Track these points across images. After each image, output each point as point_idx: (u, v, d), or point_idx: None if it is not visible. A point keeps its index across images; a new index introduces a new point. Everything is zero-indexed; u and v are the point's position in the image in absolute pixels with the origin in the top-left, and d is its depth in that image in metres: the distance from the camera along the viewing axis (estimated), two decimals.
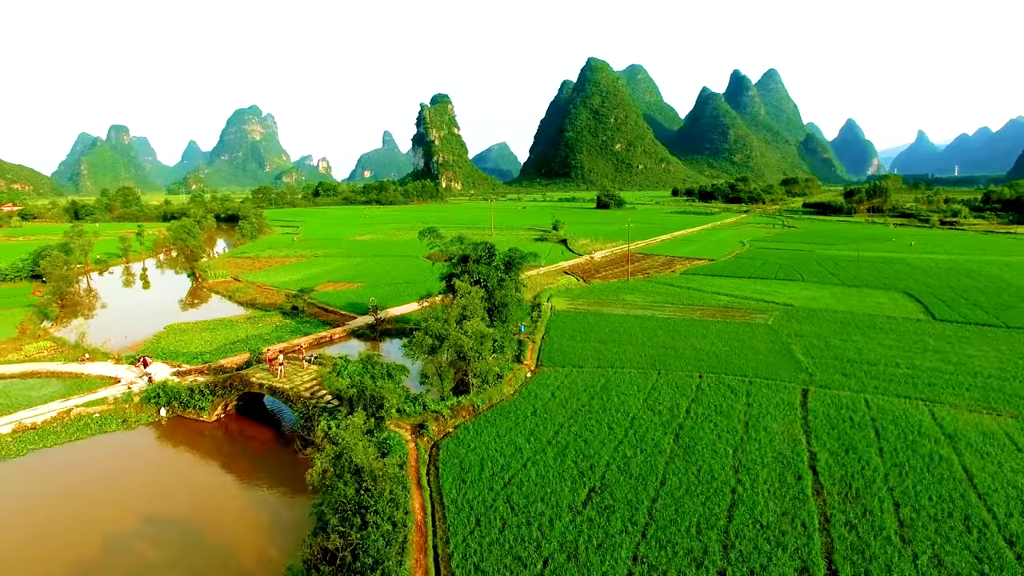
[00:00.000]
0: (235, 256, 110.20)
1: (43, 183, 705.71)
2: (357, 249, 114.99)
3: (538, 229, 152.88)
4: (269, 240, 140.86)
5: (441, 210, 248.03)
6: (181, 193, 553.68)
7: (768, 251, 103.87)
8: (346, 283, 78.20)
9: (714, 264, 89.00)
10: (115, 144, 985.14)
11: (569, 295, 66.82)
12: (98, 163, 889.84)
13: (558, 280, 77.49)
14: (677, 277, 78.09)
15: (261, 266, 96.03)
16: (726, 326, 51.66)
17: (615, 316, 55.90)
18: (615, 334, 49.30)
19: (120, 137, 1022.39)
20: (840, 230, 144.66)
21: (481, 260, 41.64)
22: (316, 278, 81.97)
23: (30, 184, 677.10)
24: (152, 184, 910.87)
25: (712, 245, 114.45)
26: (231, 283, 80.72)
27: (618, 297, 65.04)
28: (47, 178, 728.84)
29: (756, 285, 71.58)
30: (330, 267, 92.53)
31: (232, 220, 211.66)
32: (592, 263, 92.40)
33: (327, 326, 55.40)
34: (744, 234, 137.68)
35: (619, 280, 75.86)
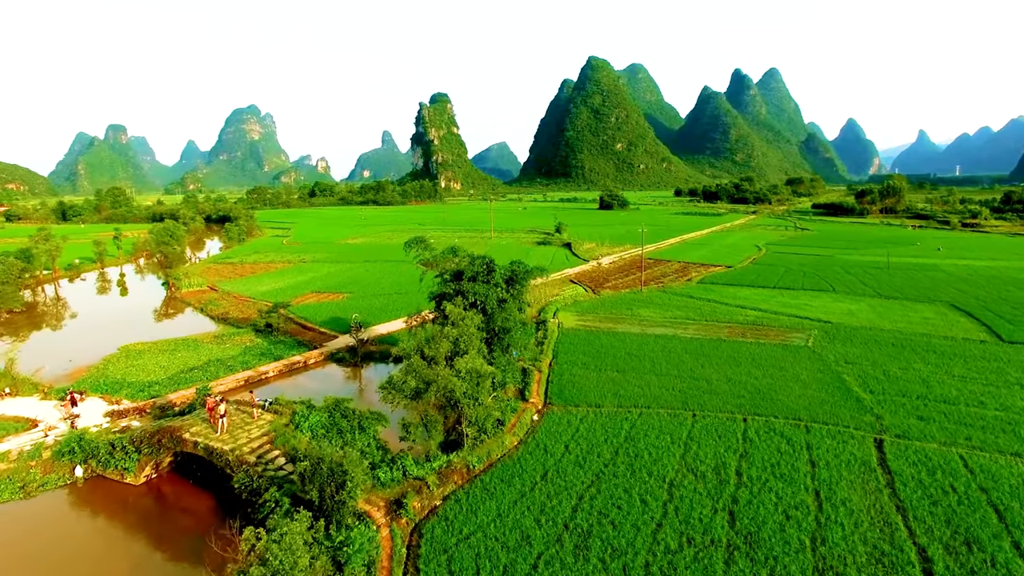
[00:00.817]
0: (218, 261, 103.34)
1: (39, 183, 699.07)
2: (348, 254, 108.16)
3: (540, 232, 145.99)
4: (257, 243, 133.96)
5: (438, 211, 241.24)
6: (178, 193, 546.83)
7: (787, 256, 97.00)
8: (331, 294, 71.36)
9: (732, 271, 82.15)
10: (113, 144, 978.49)
11: (578, 309, 59.97)
12: (95, 163, 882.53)
13: (564, 290, 70.64)
14: (694, 287, 71.24)
15: (243, 273, 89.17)
16: (760, 348, 44.84)
17: (632, 336, 49.06)
18: (634, 359, 42.47)
19: (118, 137, 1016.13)
20: (856, 232, 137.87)
21: (478, 277, 34.74)
22: (300, 287, 75.16)
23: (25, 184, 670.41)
24: (150, 184, 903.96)
25: (726, 249, 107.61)
26: (206, 293, 73.86)
27: (632, 312, 58.20)
28: (43, 178, 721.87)
29: (783, 297, 64.72)
30: (317, 274, 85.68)
31: (224, 221, 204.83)
32: (600, 270, 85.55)
33: (303, 348, 48.54)
34: (757, 237, 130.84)
35: (631, 291, 69.01)
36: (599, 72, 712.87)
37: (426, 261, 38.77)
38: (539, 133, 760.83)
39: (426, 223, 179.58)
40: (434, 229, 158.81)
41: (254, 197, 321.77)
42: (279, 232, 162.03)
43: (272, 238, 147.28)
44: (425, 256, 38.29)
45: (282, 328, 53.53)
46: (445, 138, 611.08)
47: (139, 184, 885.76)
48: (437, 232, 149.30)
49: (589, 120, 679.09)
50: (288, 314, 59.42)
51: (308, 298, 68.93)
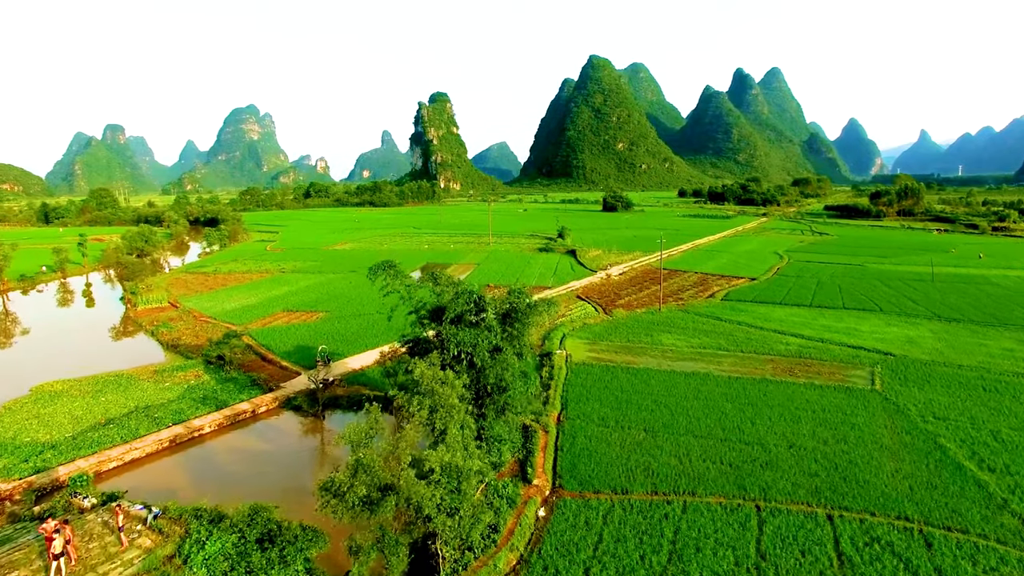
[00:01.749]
0: (190, 270, 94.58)
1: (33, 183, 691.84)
2: (333, 262, 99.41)
3: (541, 236, 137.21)
4: (239, 249, 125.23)
5: (435, 213, 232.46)
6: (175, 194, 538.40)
7: (813, 266, 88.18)
8: (305, 312, 62.61)
9: (758, 286, 73.37)
10: (110, 144, 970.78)
11: (588, 335, 51.21)
12: (92, 163, 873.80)
13: (571, 308, 61.88)
14: (720, 305, 62.46)
15: (214, 285, 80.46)
16: (817, 394, 36.11)
17: (656, 374, 40.33)
18: (663, 410, 33.79)
19: (116, 137, 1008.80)
20: (879, 237, 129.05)
21: (464, 317, 26.01)
22: (271, 304, 66.43)
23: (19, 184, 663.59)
24: (148, 184, 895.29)
25: (745, 258, 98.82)
26: (165, 311, 65.13)
27: (653, 339, 49.44)
28: (37, 178, 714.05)
29: (824, 319, 55.94)
30: (293, 287, 76.95)
31: (212, 224, 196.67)
32: (610, 283, 76.77)
33: (256, 388, 39.77)
34: (774, 243, 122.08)
35: (648, 310, 60.23)
36: (600, 71, 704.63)
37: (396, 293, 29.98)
38: (539, 133, 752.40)
39: (421, 226, 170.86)
40: (429, 233, 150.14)
41: (247, 198, 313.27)
42: (266, 236, 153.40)
43: (257, 243, 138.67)
44: (396, 287, 29.53)
45: (237, 360, 44.79)
46: (444, 138, 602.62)
47: (137, 184, 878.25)
48: (432, 236, 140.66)
49: (590, 119, 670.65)
50: (248, 341, 50.74)
51: (277, 318, 60.19)
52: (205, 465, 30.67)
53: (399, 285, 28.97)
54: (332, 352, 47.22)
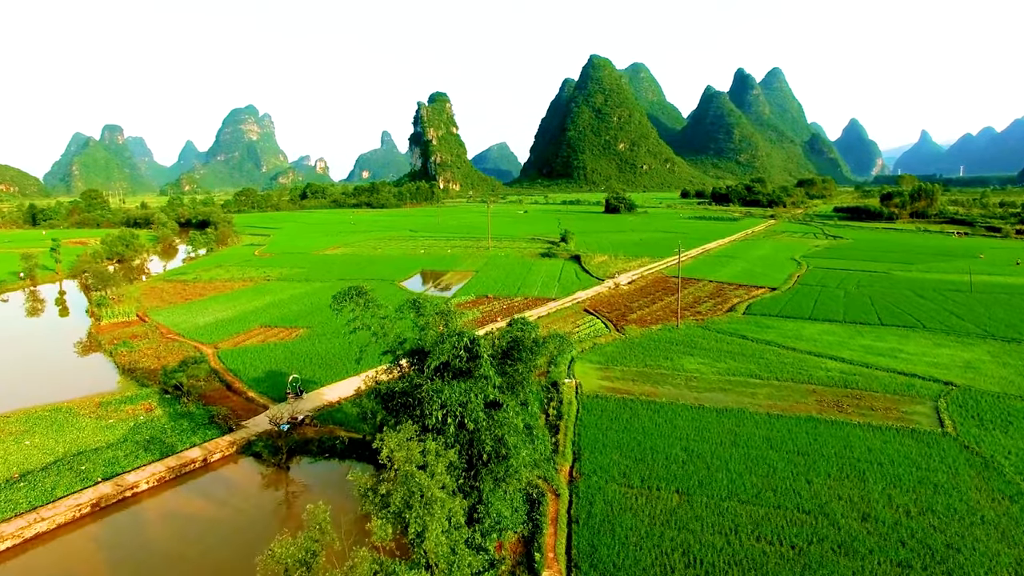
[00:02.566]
0: (170, 278, 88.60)
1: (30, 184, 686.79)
2: (322, 269, 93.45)
3: (543, 240, 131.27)
4: (226, 254, 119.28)
5: (432, 214, 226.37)
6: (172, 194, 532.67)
7: (835, 274, 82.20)
8: (284, 328, 56.65)
9: (780, 296, 67.38)
10: (108, 144, 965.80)
11: (600, 357, 45.24)
12: (90, 163, 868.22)
13: (579, 324, 55.93)
14: (742, 321, 56.51)
15: (191, 295, 74.55)
16: (879, 439, 30.20)
17: (683, 410, 34.40)
18: (697, 463, 27.87)
19: (114, 137, 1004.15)
20: (897, 241, 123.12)
21: (452, 367, 20.06)
22: (249, 318, 60.50)
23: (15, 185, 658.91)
24: (147, 185, 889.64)
25: (760, 264, 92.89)
26: (131, 325, 59.18)
27: (673, 363, 43.50)
28: (34, 179, 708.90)
29: (864, 338, 49.97)
30: (277, 298, 71.03)
31: (203, 226, 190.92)
32: (619, 294, 70.79)
33: (213, 428, 33.79)
34: (788, 247, 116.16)
35: (664, 326, 54.26)
36: (601, 71, 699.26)
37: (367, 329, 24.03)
38: (540, 133, 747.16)
39: (418, 229, 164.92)
40: (426, 236, 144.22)
41: (242, 199, 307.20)
42: (257, 240, 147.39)
43: (246, 247, 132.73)
44: (366, 321, 23.59)
45: (197, 390, 38.82)
46: (444, 138, 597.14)
47: (135, 185, 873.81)
48: (429, 240, 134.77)
49: (591, 120, 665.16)
50: (215, 365, 44.80)
51: (253, 335, 54.24)
52: (130, 540, 24.64)
53: (370, 318, 22.98)
54: (308, 380, 41.33)
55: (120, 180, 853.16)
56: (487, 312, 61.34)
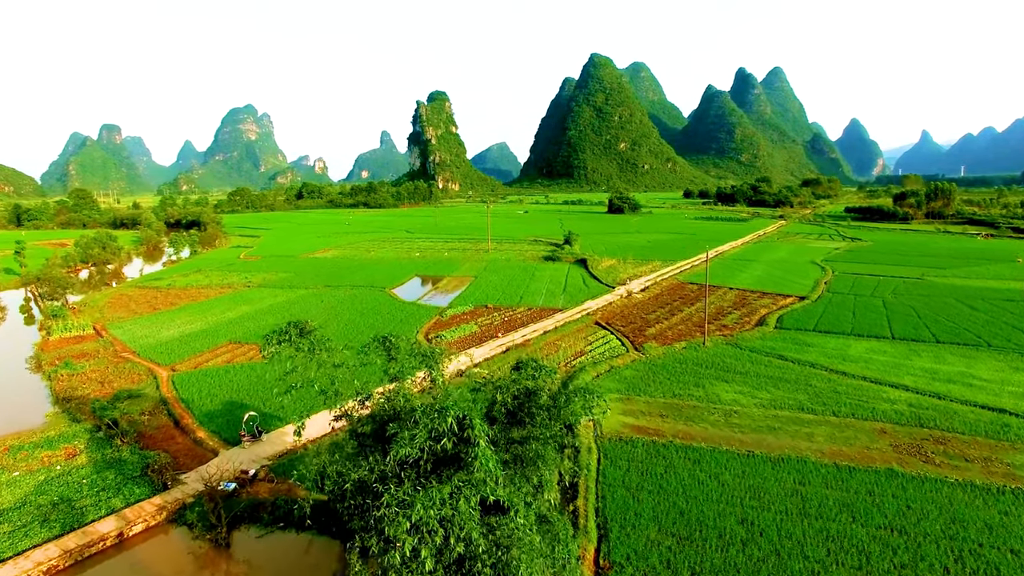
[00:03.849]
0: (143, 283, 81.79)
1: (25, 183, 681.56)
2: (309, 274, 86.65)
3: (545, 241, 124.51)
4: (210, 257, 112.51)
5: (430, 215, 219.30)
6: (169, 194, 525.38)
7: (866, 280, 75.42)
8: (258, 345, 49.88)
9: (812, 307, 60.56)
10: (106, 144, 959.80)
11: (619, 384, 38.48)
12: (87, 163, 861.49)
13: (591, 341, 49.18)
14: (776, 336, 49.75)
15: (162, 303, 67.80)
16: (997, 507, 23.54)
17: (729, 459, 27.71)
18: (761, 540, 21.19)
19: (112, 137, 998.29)
20: (919, 244, 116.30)
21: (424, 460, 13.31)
22: (219, 332, 53.79)
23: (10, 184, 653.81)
24: (145, 185, 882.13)
25: (780, 269, 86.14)
26: (85, 340, 52.42)
27: (706, 391, 36.79)
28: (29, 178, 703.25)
29: (920, 358, 43.22)
30: (254, 308, 64.27)
31: (193, 227, 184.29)
32: (632, 303, 63.98)
33: (144, 484, 27.01)
34: (806, 250, 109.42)
35: (688, 344, 47.52)
36: (601, 69, 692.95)
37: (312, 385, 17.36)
38: (540, 132, 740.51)
39: (415, 230, 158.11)
40: (423, 237, 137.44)
41: (236, 199, 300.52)
42: (245, 241, 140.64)
43: (232, 249, 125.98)
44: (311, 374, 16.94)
45: (137, 427, 32.12)
46: (443, 137, 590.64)
47: (133, 185, 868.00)
48: (425, 242, 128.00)
49: (591, 119, 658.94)
50: (166, 393, 38.04)
51: (219, 353, 47.48)
52: None
53: (315, 369, 16.27)
54: (270, 415, 34.60)
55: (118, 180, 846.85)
56: (486, 326, 54.59)
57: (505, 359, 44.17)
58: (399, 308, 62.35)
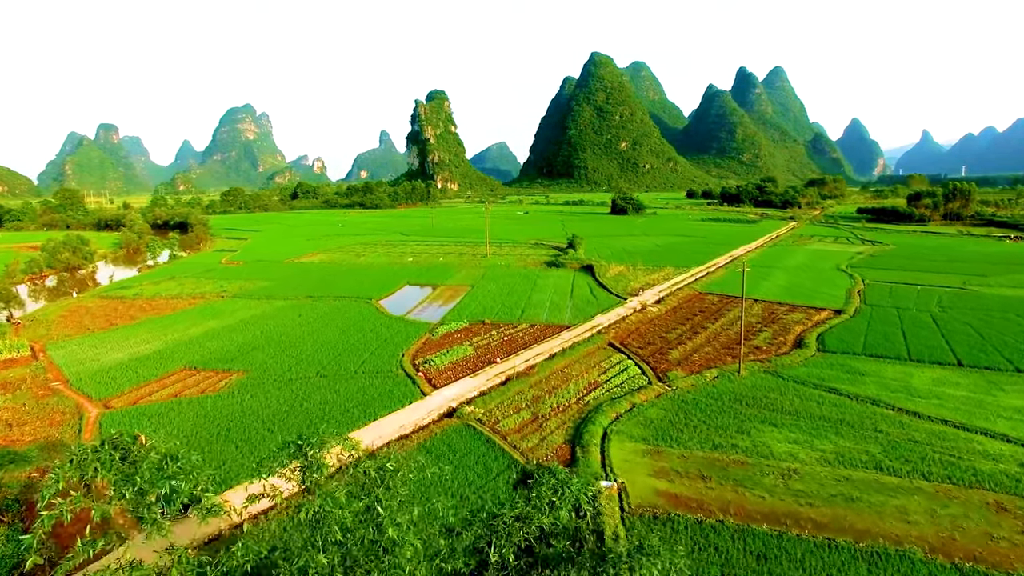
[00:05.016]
0: (106, 293, 74.52)
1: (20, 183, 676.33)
2: (291, 282, 79.52)
3: (547, 245, 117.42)
4: (189, 262, 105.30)
5: (427, 215, 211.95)
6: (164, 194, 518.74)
7: (904, 290, 68.25)
8: (215, 372, 42.73)
9: (852, 324, 53.42)
10: (103, 144, 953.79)
11: (644, 429, 31.36)
12: (84, 163, 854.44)
13: (606, 369, 42.00)
14: (820, 361, 42.62)
15: (121, 317, 60.68)
16: None
17: (805, 551, 20.61)
18: None
19: (109, 136, 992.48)
20: (947, 247, 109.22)
21: None
22: (175, 354, 46.67)
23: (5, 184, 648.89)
24: (143, 185, 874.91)
25: (804, 276, 79.05)
26: (15, 364, 45.16)
27: (752, 439, 29.70)
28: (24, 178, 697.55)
29: (1007, 394, 35.95)
30: (224, 323, 57.11)
31: (182, 228, 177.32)
32: (647, 318, 56.82)
33: None
34: (826, 254, 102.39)
35: (719, 371, 40.41)
36: (602, 68, 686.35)
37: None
38: (540, 132, 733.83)
39: (410, 232, 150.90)
40: (418, 240, 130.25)
41: (229, 199, 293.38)
42: (231, 244, 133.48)
43: (216, 252, 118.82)
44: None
45: (27, 496, 24.94)
46: (442, 137, 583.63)
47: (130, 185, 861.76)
48: (420, 245, 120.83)
49: (592, 118, 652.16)
50: (94, 437, 30.83)
51: (168, 382, 40.30)
52: None
53: None
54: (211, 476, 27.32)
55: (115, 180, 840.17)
56: (482, 347, 47.46)
57: (505, 394, 37.01)
58: (385, 324, 55.19)
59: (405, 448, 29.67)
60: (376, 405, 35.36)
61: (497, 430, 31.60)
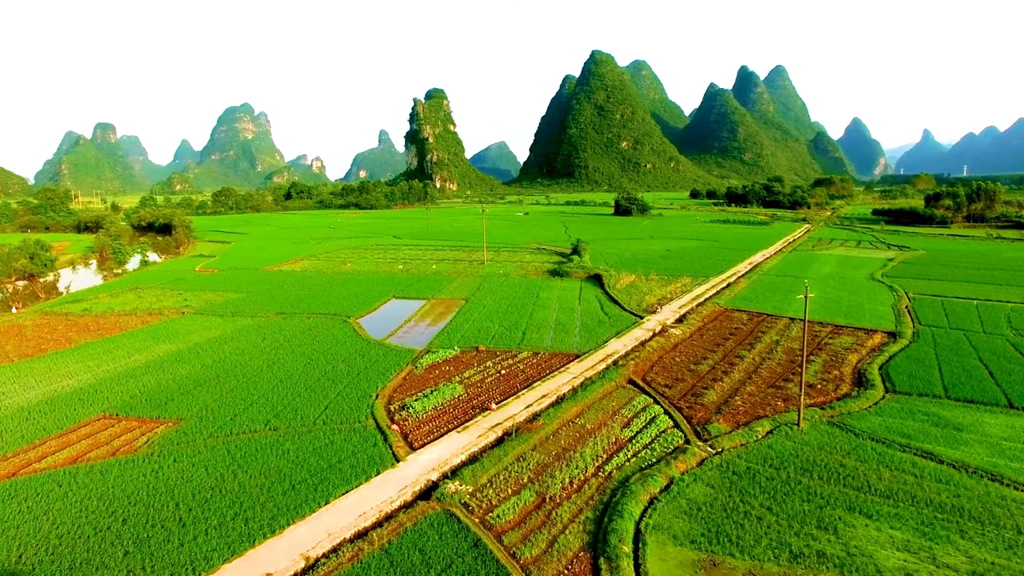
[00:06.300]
0: (55, 308, 65.95)
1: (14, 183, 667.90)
2: (264, 294, 71.01)
3: (549, 249, 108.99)
4: (159, 269, 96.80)
5: (423, 216, 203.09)
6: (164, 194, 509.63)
7: (958, 305, 59.71)
8: (142, 420, 34.27)
9: (917, 351, 44.91)
10: (100, 143, 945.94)
11: (689, 523, 22.85)
12: (80, 162, 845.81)
13: (629, 419, 33.46)
14: (897, 409, 34.12)
15: (60, 340, 52.25)
16: None
17: None
18: None
19: (106, 136, 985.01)
20: (984, 253, 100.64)
21: None
22: (99, 394, 38.21)
23: None
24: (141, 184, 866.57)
25: (841, 289, 70.51)
26: None
27: (845, 544, 21.15)
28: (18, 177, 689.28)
29: None
30: (173, 348, 48.66)
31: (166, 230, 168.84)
32: (670, 343, 48.24)
33: None
34: (855, 262, 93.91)
35: (773, 422, 31.95)
36: (603, 67, 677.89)
37: None
38: (540, 131, 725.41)
39: (404, 235, 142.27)
40: (411, 244, 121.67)
41: (221, 199, 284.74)
42: (213, 248, 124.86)
43: (192, 258, 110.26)
44: None
45: None
46: (441, 136, 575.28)
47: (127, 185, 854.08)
48: (413, 250, 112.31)
49: (593, 117, 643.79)
50: None
51: (72, 441, 31.78)
52: None
53: None
54: None
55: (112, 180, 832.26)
56: (474, 385, 38.95)
57: (501, 460, 28.48)
58: (360, 352, 46.70)
59: (361, 557, 21.20)
60: (333, 478, 26.92)
61: (489, 523, 23.16)
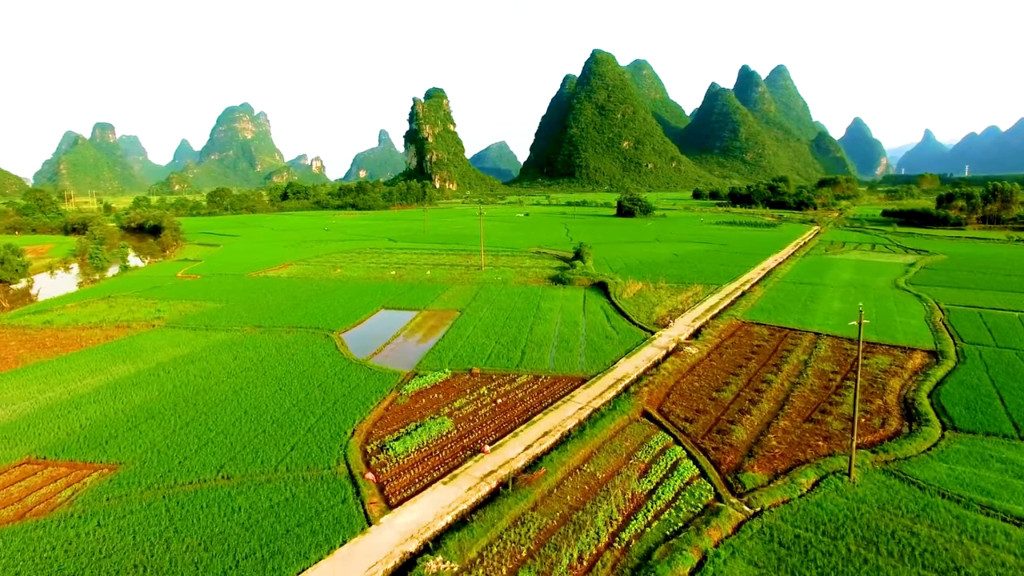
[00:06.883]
0: (12, 320, 60.93)
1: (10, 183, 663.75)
2: (244, 304, 65.94)
3: (550, 253, 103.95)
4: (138, 275, 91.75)
5: (420, 217, 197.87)
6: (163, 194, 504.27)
7: (1002, 318, 54.59)
8: (72, 464, 29.26)
9: (966, 374, 39.86)
10: (99, 143, 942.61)
11: None
12: (79, 162, 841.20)
13: (647, 466, 28.41)
14: (960, 451, 29.09)
15: (5, 359, 47.25)
16: None
17: None
18: None
19: (105, 135, 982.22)
20: (1009, 257, 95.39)
21: None
22: (34, 428, 33.24)
23: None
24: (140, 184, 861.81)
25: (865, 298, 65.41)
26: None
27: None
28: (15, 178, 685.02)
29: None
30: (139, 367, 43.66)
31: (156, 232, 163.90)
32: (687, 364, 43.12)
33: None
34: (874, 268, 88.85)
35: (815, 470, 26.89)
36: (604, 66, 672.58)
37: None
38: (540, 131, 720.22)
39: (399, 237, 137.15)
40: (406, 247, 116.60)
41: (216, 200, 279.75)
42: (201, 252, 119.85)
43: (177, 263, 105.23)
44: None
45: None
46: (440, 136, 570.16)
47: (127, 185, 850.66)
48: (408, 253, 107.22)
49: (593, 116, 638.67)
50: None
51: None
52: None
53: None
54: None
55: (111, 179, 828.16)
56: (465, 418, 33.88)
57: (495, 524, 23.40)
58: (340, 375, 41.65)
59: None
60: (288, 550, 21.87)
61: None
